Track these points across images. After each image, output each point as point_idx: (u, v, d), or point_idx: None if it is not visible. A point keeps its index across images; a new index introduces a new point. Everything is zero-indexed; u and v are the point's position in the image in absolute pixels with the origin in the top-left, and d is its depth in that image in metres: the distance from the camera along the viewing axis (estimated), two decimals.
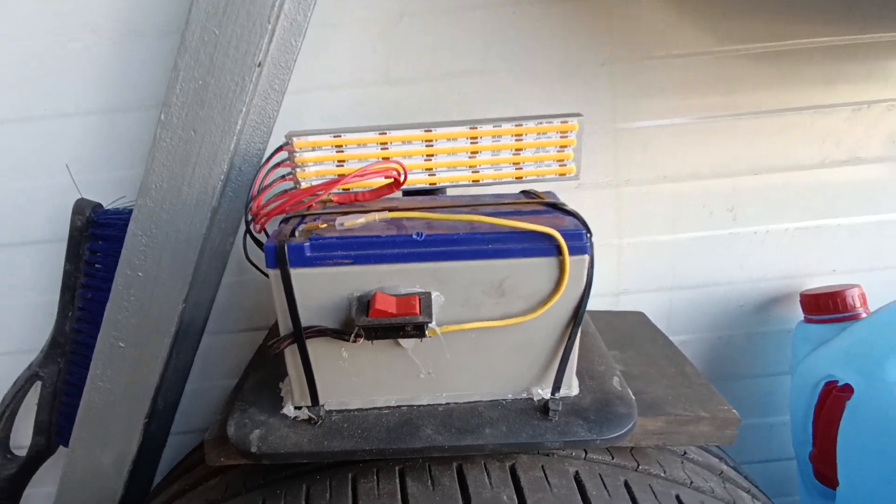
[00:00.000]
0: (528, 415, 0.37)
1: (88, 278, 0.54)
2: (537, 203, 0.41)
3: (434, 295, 0.35)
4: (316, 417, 0.37)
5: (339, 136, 0.42)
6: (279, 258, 0.34)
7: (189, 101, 0.42)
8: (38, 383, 0.57)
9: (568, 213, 0.38)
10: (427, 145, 0.43)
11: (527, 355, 0.37)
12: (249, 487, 0.42)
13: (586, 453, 0.41)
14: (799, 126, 0.59)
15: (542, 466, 0.38)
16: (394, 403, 0.39)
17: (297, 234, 0.35)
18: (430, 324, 0.34)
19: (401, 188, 0.41)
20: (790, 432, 0.59)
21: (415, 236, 0.35)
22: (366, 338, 0.35)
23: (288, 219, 0.38)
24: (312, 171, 0.43)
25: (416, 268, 0.35)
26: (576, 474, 0.38)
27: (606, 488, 0.38)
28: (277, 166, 0.42)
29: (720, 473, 0.46)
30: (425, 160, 0.43)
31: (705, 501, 0.40)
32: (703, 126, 0.58)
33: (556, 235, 0.34)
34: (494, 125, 0.42)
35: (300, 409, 0.38)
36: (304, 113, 0.56)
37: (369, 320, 0.33)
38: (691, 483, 0.42)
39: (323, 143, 0.42)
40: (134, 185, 0.56)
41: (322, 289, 0.35)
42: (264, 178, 0.42)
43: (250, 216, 0.40)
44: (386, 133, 0.42)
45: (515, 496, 0.36)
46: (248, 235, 0.42)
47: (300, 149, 0.42)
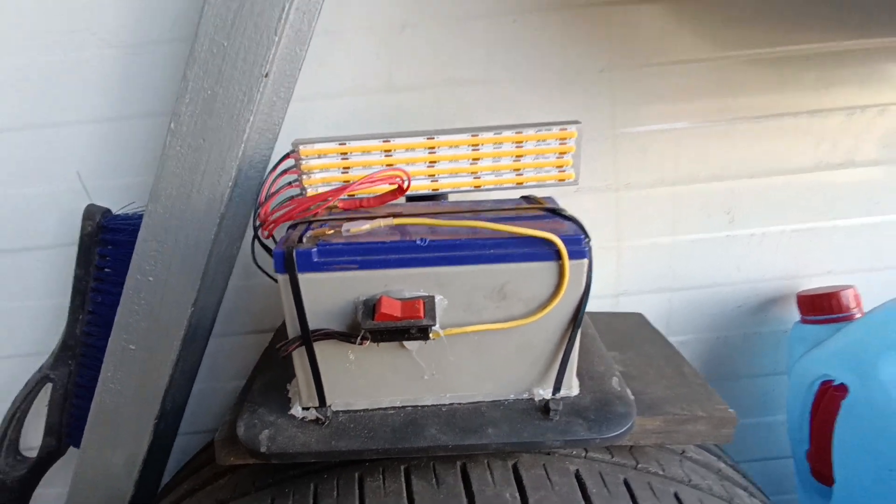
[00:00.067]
0: (530, 415, 0.39)
1: (98, 282, 0.55)
2: (537, 208, 0.42)
3: (437, 299, 0.36)
4: (323, 418, 0.38)
5: (345, 143, 0.43)
6: (288, 263, 0.35)
7: (198, 110, 0.43)
8: (49, 385, 0.58)
9: (567, 219, 0.39)
10: (430, 152, 0.44)
11: (528, 357, 0.39)
12: (258, 487, 0.43)
13: (586, 452, 0.42)
14: (795, 130, 0.60)
15: (543, 465, 0.39)
16: (399, 404, 0.40)
17: (304, 240, 0.36)
18: (434, 327, 0.35)
19: (404, 194, 0.42)
20: (787, 431, 0.60)
21: (418, 242, 0.36)
22: (371, 340, 0.36)
23: (295, 225, 0.40)
24: (318, 177, 0.44)
25: (420, 272, 0.36)
26: (576, 472, 0.39)
27: (606, 486, 0.39)
28: (284, 173, 0.44)
29: (718, 471, 0.47)
30: (428, 166, 0.44)
31: (703, 499, 0.41)
32: (701, 131, 0.59)
33: (556, 241, 0.35)
34: (495, 133, 0.43)
35: (308, 409, 0.39)
36: (308, 120, 0.57)
37: (375, 323, 0.35)
38: (689, 481, 0.43)
39: (328, 150, 0.43)
40: (142, 190, 0.58)
41: (329, 293, 0.36)
42: (272, 184, 0.43)
43: (258, 222, 0.42)
44: (390, 141, 0.43)
45: (518, 494, 0.37)
46: (255, 241, 0.43)
47: (306, 156, 0.43)
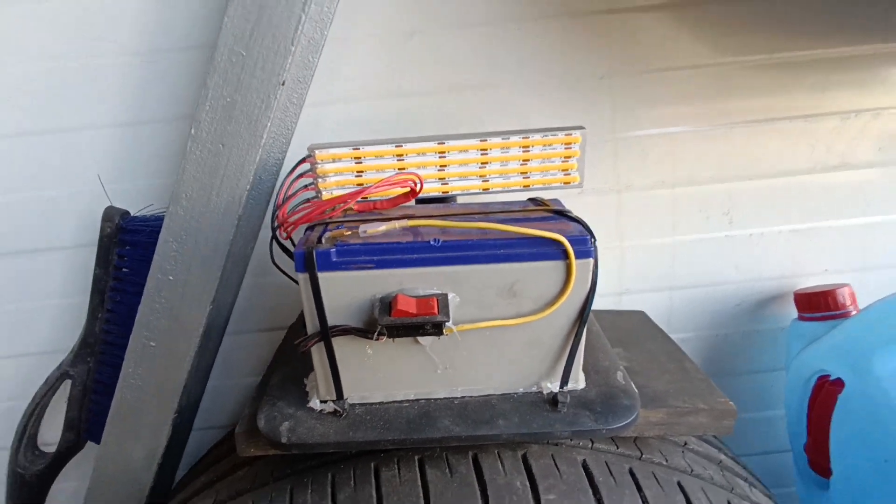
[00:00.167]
0: (539, 407, 0.40)
1: (117, 282, 0.57)
2: (544, 210, 0.43)
3: (450, 296, 0.38)
4: (341, 410, 0.40)
5: (358, 148, 0.45)
6: (308, 263, 0.37)
7: (218, 116, 0.45)
8: (68, 382, 0.60)
9: (573, 220, 0.41)
10: (440, 156, 0.45)
11: (536, 352, 0.40)
12: (276, 477, 0.44)
13: (592, 443, 0.44)
14: (791, 133, 0.61)
15: (551, 455, 0.41)
16: (412, 397, 0.41)
17: (323, 240, 0.38)
18: (448, 323, 0.37)
19: (416, 197, 0.44)
20: (785, 425, 0.62)
21: (432, 242, 0.37)
22: (388, 336, 0.37)
23: (313, 226, 0.41)
24: (333, 181, 0.45)
25: (434, 271, 0.37)
26: (583, 462, 0.41)
27: (612, 475, 0.40)
28: (300, 177, 0.45)
29: (719, 462, 0.49)
30: (438, 170, 0.46)
31: (705, 488, 0.42)
32: (700, 134, 0.61)
33: (564, 241, 0.37)
34: (503, 138, 0.45)
35: (325, 402, 0.41)
36: (319, 125, 0.59)
37: (392, 319, 0.36)
38: (692, 471, 0.44)
39: (343, 155, 0.45)
40: (159, 193, 0.60)
41: (347, 291, 0.38)
42: (288, 187, 0.44)
43: (276, 223, 0.43)
44: (402, 145, 0.45)
45: (528, 482, 0.39)
46: (273, 241, 0.45)
47: (322, 160, 0.45)
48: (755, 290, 0.66)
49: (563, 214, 0.42)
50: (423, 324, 0.36)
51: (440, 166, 0.45)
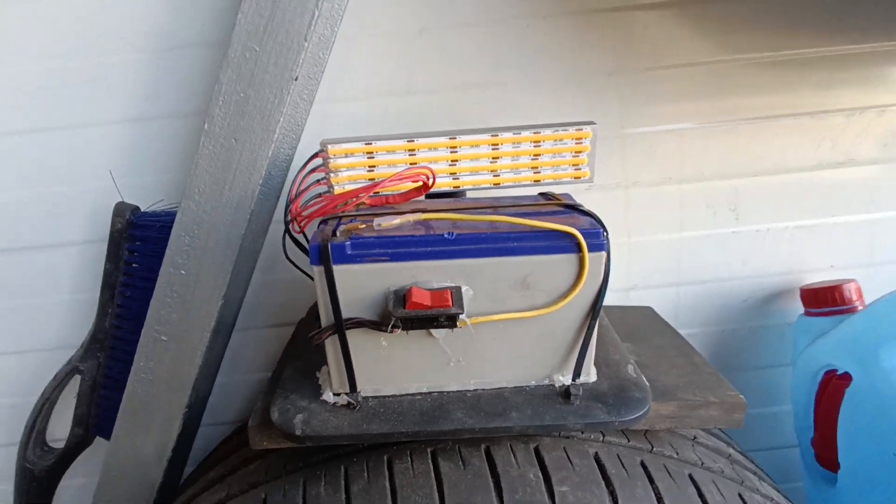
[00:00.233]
0: (551, 399, 0.40)
1: (127, 277, 0.57)
2: (555, 204, 0.44)
3: (464, 289, 0.38)
4: (355, 403, 0.40)
5: (371, 143, 0.45)
6: (323, 256, 0.37)
7: (231, 112, 0.45)
8: (77, 377, 0.60)
9: (585, 214, 0.41)
10: (451, 151, 0.46)
11: (549, 344, 0.40)
12: (289, 470, 0.44)
13: (604, 436, 0.44)
14: (797, 130, 0.62)
15: (563, 448, 0.41)
16: (425, 390, 0.42)
17: (338, 234, 0.38)
18: (462, 315, 0.37)
19: (428, 191, 0.44)
20: (792, 420, 0.62)
21: (446, 235, 0.38)
22: (402, 328, 0.38)
23: (326, 220, 0.42)
24: (345, 175, 0.46)
25: (448, 264, 0.38)
26: (595, 455, 0.41)
27: (625, 468, 0.41)
28: (312, 171, 0.46)
29: (728, 456, 0.49)
30: (450, 165, 0.46)
31: (716, 480, 0.43)
32: (707, 131, 0.61)
33: (577, 234, 0.37)
34: (514, 133, 0.45)
35: (339, 395, 0.41)
36: (328, 122, 0.59)
37: (406, 312, 0.37)
38: (702, 464, 0.44)
39: (355, 149, 0.45)
40: (168, 189, 0.60)
41: (361, 284, 0.38)
42: (301, 182, 0.45)
43: (289, 217, 0.44)
44: (414, 140, 0.45)
45: (541, 474, 0.39)
46: (286, 236, 0.45)
47: (334, 155, 0.45)
48: (762, 285, 0.66)
49: (574, 208, 0.42)
50: (438, 316, 0.37)
51: (451, 161, 0.46)
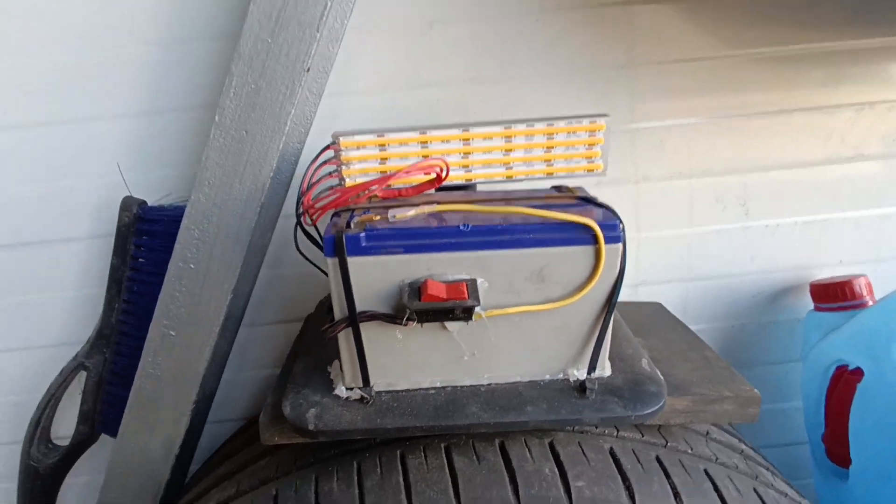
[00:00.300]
0: (566, 393, 0.40)
1: (134, 272, 0.56)
2: (569, 197, 0.43)
3: (479, 281, 0.38)
4: (368, 397, 0.40)
5: (383, 135, 0.44)
6: (338, 248, 0.36)
7: (242, 103, 0.45)
8: (83, 374, 0.59)
9: (600, 206, 0.41)
10: (464, 144, 0.45)
11: (564, 338, 0.40)
12: (300, 466, 0.44)
13: (618, 431, 0.44)
14: (806, 125, 0.62)
15: (578, 443, 0.41)
16: (438, 384, 0.41)
17: (352, 225, 0.38)
18: (478, 308, 0.37)
19: (441, 184, 0.44)
20: (802, 417, 0.62)
21: (462, 227, 0.37)
22: (417, 321, 0.37)
23: (339, 213, 0.41)
24: (357, 168, 0.45)
25: (463, 256, 0.37)
26: (610, 450, 0.41)
27: (640, 462, 0.40)
28: (324, 164, 0.45)
29: (741, 452, 0.49)
30: (462, 157, 0.46)
31: (731, 475, 0.42)
32: (716, 125, 0.61)
33: (594, 226, 0.37)
34: (527, 125, 0.45)
35: (352, 389, 0.41)
36: (337, 116, 0.58)
37: (422, 304, 0.36)
38: (717, 459, 0.44)
39: (367, 142, 0.45)
40: (176, 183, 0.59)
41: (375, 276, 0.37)
42: (312, 174, 0.44)
43: (301, 210, 0.43)
44: (426, 132, 0.45)
45: (556, 469, 0.38)
46: (298, 228, 0.45)
47: (346, 147, 0.44)
48: (771, 281, 0.66)
49: (589, 201, 0.42)
50: (454, 308, 0.36)
51: (464, 153, 0.45)
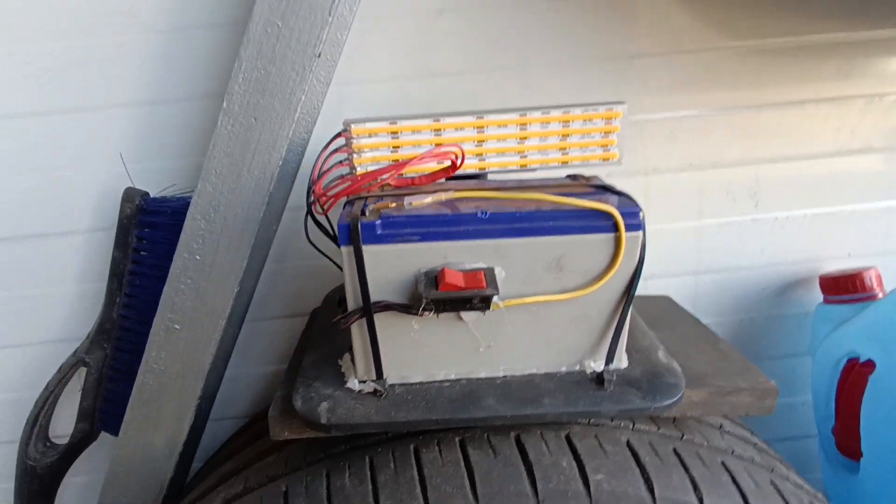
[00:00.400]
0: (584, 385, 0.39)
1: (136, 265, 0.55)
2: (585, 185, 0.43)
3: (496, 270, 0.37)
4: (381, 390, 0.39)
5: (395, 122, 0.43)
6: (352, 235, 0.36)
7: (251, 89, 0.43)
8: (82, 371, 0.58)
9: (618, 194, 0.40)
10: (478, 132, 0.44)
11: (582, 328, 0.39)
12: (310, 461, 0.43)
13: (633, 424, 0.43)
14: (816, 117, 0.61)
15: (595, 435, 0.40)
16: (453, 377, 0.40)
17: (367, 213, 0.37)
18: (496, 297, 0.36)
19: (455, 172, 0.43)
20: (811, 410, 0.62)
21: (479, 214, 0.36)
22: (434, 311, 0.36)
23: (352, 201, 0.40)
24: (368, 156, 0.44)
25: (480, 244, 0.37)
26: (628, 442, 0.40)
27: (658, 455, 0.40)
28: (335, 152, 0.44)
29: (755, 445, 0.48)
30: (476, 146, 0.45)
31: (748, 468, 0.42)
32: (727, 117, 0.61)
33: (615, 213, 0.36)
34: (543, 112, 0.44)
35: (364, 382, 0.40)
36: (344, 105, 0.57)
37: (439, 293, 0.35)
38: (733, 452, 0.44)
39: (379, 129, 0.44)
40: (179, 174, 0.58)
41: (391, 265, 0.37)
42: (323, 163, 0.43)
43: (312, 198, 0.42)
44: (440, 120, 0.44)
45: (574, 462, 0.38)
46: (308, 217, 0.43)
47: (357, 135, 0.43)
48: (780, 274, 0.66)
49: (606, 189, 0.41)
50: (471, 297, 0.35)
51: (478, 141, 0.44)
